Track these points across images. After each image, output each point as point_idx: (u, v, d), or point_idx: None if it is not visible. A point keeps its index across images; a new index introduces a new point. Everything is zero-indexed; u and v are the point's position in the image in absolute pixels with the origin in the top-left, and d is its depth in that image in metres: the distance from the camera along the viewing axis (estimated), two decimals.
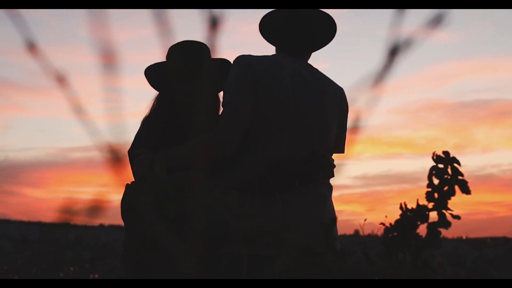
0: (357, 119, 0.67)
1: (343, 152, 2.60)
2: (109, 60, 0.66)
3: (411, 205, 1.08)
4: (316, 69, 2.56)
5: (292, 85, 2.40)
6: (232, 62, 2.53)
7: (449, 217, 1.11)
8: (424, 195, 1.08)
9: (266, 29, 2.59)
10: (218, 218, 0.91)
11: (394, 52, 0.63)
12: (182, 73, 2.57)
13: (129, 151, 2.55)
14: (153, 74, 2.63)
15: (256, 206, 2.26)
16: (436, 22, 0.63)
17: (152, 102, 2.65)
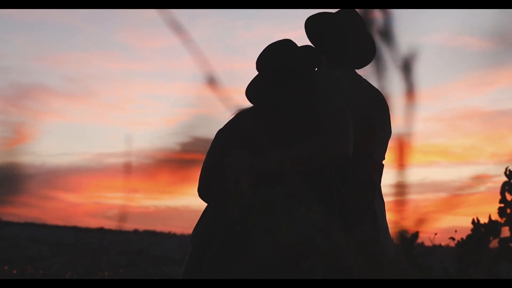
0: None
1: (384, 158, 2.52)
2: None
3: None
4: (365, 79, 2.46)
5: (364, 97, 2.33)
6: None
7: None
8: (497, 211, 1.09)
9: (313, 35, 2.45)
10: (303, 233, 0.93)
11: None
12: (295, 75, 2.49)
13: (214, 146, 2.42)
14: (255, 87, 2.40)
15: (336, 220, 2.19)
16: None
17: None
